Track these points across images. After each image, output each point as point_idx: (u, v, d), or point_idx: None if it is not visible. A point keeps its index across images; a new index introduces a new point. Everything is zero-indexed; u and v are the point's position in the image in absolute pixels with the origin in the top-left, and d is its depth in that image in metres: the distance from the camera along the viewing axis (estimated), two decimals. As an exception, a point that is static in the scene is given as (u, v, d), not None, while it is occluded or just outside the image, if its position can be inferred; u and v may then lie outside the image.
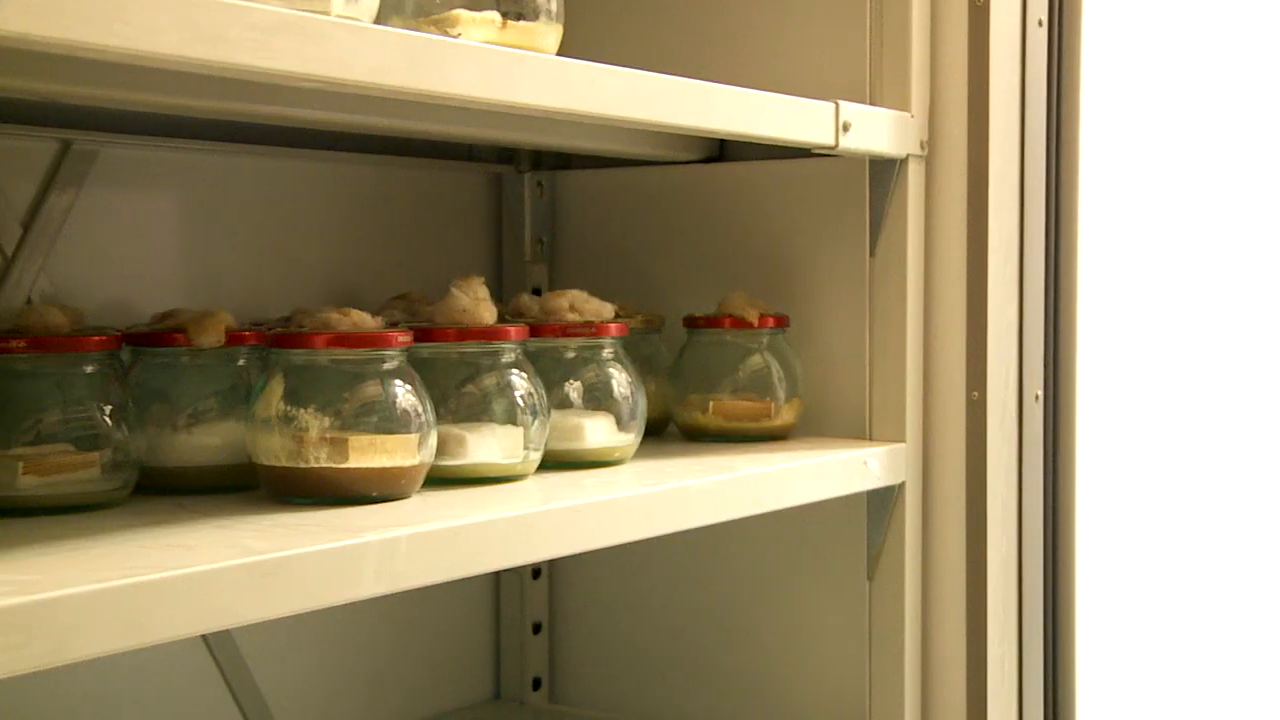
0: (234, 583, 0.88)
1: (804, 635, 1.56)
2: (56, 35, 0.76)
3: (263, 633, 1.43)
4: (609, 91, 1.12)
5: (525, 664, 1.72)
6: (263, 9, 0.87)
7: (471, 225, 1.69)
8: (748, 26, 1.55)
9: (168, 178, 1.37)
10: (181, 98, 1.07)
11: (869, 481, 1.43)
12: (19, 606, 0.78)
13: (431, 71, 0.98)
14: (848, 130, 1.35)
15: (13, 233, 1.24)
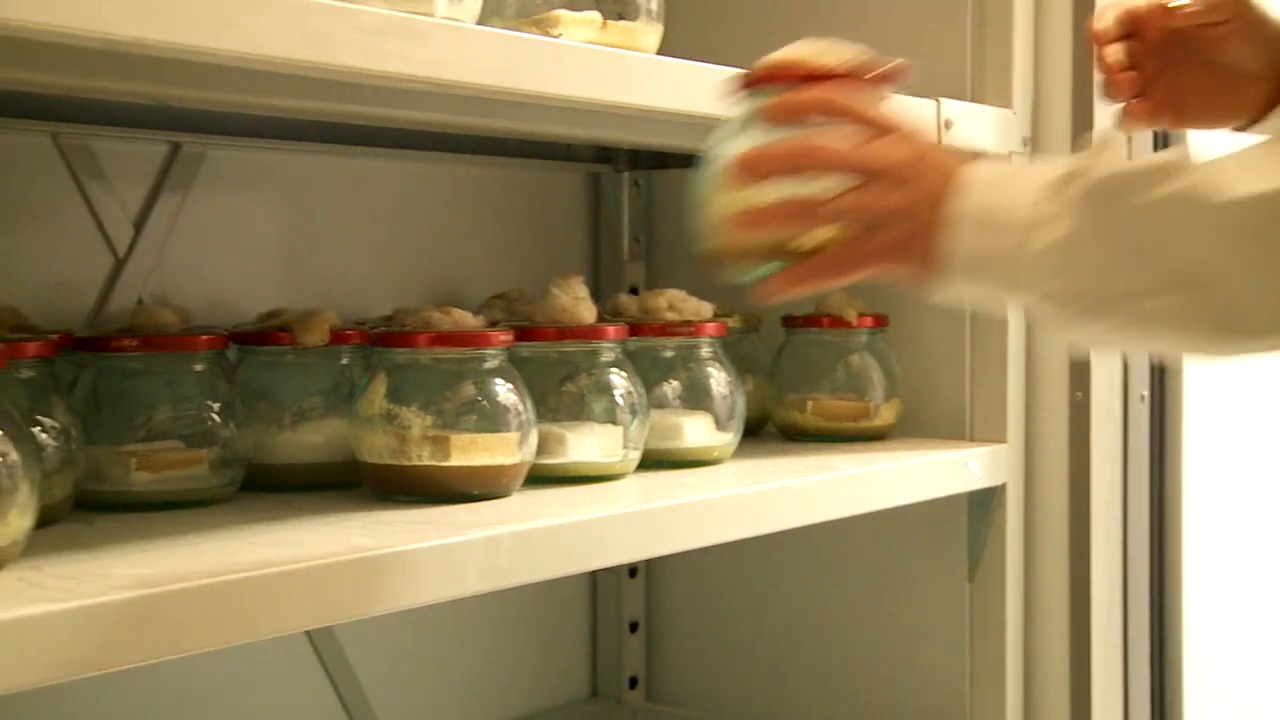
0: (341, 579, 0.89)
1: (902, 637, 1.54)
2: (170, 39, 0.78)
3: (365, 629, 1.44)
4: (709, 90, 1.12)
5: (622, 663, 1.72)
6: (369, 11, 0.88)
7: (569, 224, 1.70)
8: (845, 22, 1.53)
9: (272, 179, 1.39)
10: (288, 99, 1.09)
11: (970, 482, 1.42)
12: (134, 600, 0.79)
13: (533, 72, 0.99)
14: (949, 127, 1.33)
15: (125, 234, 1.27)
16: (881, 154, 0.86)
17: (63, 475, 0.99)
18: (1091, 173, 0.84)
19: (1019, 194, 0.85)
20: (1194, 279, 0.80)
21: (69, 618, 0.77)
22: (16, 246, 1.21)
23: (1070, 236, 0.82)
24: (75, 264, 1.25)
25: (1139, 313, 0.83)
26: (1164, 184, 0.81)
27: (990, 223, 0.84)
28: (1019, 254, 0.84)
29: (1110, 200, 0.83)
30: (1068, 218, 0.83)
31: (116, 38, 0.76)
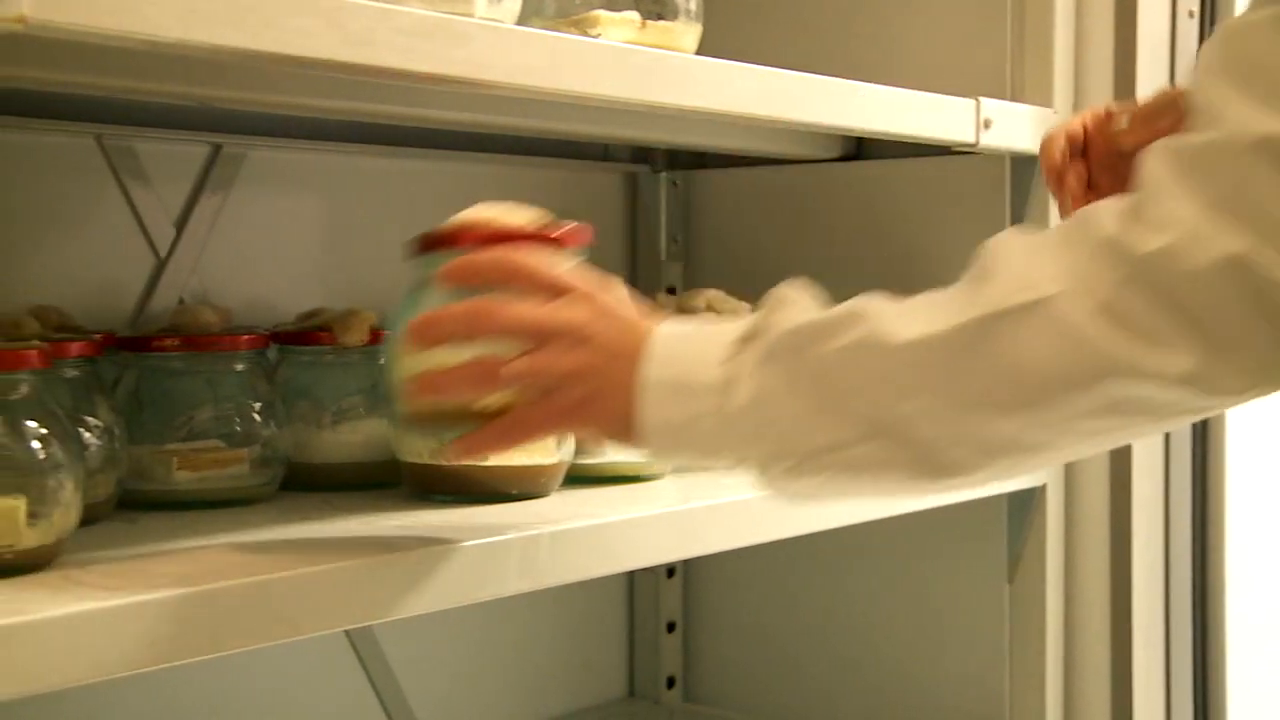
0: (381, 578, 0.89)
1: (941, 638, 1.54)
2: (213, 41, 0.78)
3: (403, 628, 1.45)
4: (748, 91, 1.12)
5: (659, 663, 1.72)
6: (409, 12, 0.88)
7: (606, 225, 1.69)
8: (884, 22, 1.53)
9: (311, 179, 1.40)
10: (329, 100, 1.09)
11: (1009, 483, 1.41)
12: (176, 598, 0.80)
13: (572, 72, 0.99)
14: (989, 127, 1.33)
15: (166, 234, 1.28)
16: (557, 315, 0.86)
17: (105, 474, 1.00)
18: (773, 329, 0.84)
19: (706, 355, 0.85)
20: (883, 425, 0.81)
21: (112, 616, 0.77)
22: (61, 247, 1.22)
23: (761, 396, 0.82)
24: (118, 264, 1.25)
25: (843, 463, 0.82)
26: (843, 334, 0.82)
27: (680, 387, 0.84)
28: (714, 417, 0.84)
29: (795, 354, 0.83)
30: (756, 376, 0.83)
31: (160, 39, 0.76)
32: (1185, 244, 0.74)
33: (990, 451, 0.81)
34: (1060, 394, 0.77)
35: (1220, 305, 0.74)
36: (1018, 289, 0.77)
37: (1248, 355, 0.75)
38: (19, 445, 0.85)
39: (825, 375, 0.81)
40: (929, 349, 0.79)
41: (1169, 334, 0.75)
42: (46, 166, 1.21)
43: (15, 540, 0.83)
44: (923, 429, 0.80)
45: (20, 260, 1.19)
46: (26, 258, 1.20)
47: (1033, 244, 0.79)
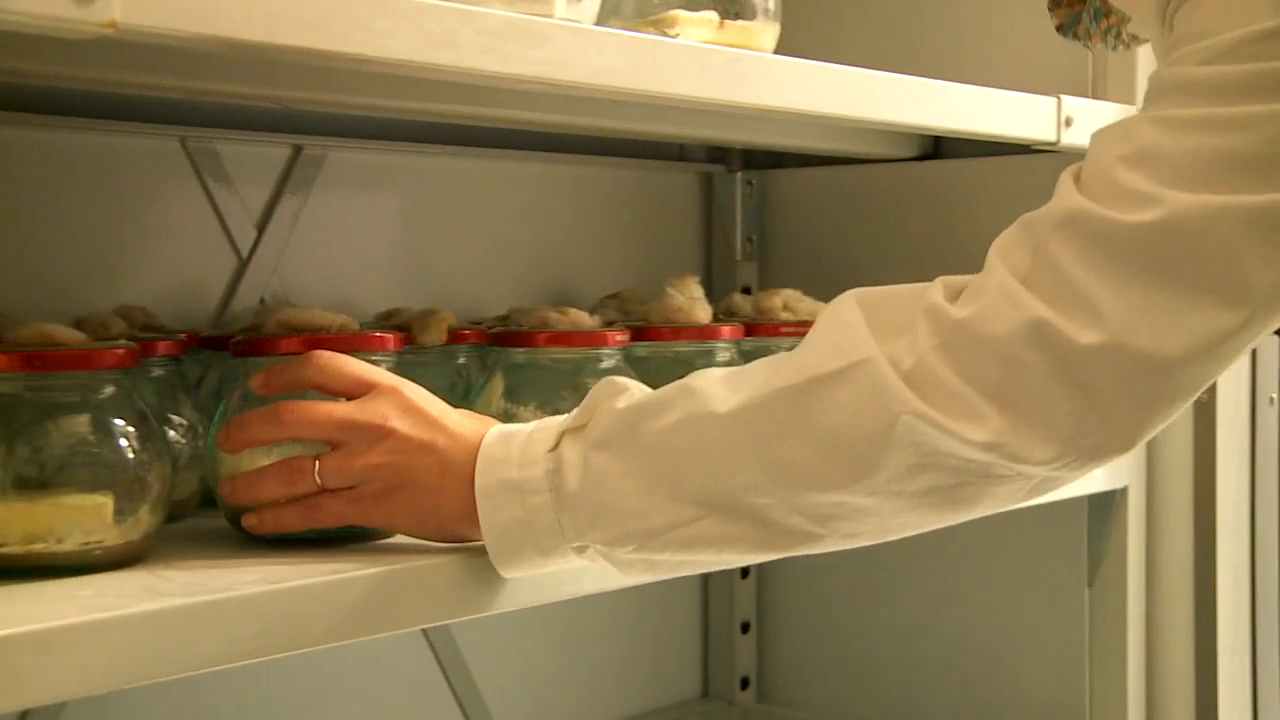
0: (460, 578, 0.90)
1: (1019, 642, 1.52)
2: (299, 43, 0.79)
3: (480, 627, 1.46)
4: (828, 90, 1.11)
5: (734, 663, 1.72)
6: (490, 13, 0.89)
7: (682, 225, 1.69)
8: (963, 19, 1.52)
9: (390, 180, 1.41)
10: (409, 102, 1.10)
11: (1089, 485, 1.39)
12: (259, 595, 0.81)
13: (651, 72, 0.99)
14: (1070, 125, 1.31)
15: (248, 235, 1.29)
16: (357, 413, 0.88)
17: (190, 472, 1.01)
18: (604, 414, 0.85)
19: (531, 452, 0.85)
20: (715, 502, 0.81)
21: (198, 612, 0.78)
22: (145, 248, 1.23)
23: (594, 480, 0.83)
24: (201, 264, 1.27)
25: (685, 540, 0.83)
26: (670, 410, 0.83)
27: (512, 485, 0.85)
28: (550, 510, 0.85)
29: (625, 436, 0.83)
30: (589, 460, 0.84)
31: (247, 42, 0.77)
32: (992, 310, 0.76)
33: (824, 519, 0.81)
34: (871, 455, 0.78)
35: (1021, 372, 0.76)
36: (833, 354, 0.79)
37: (1048, 424, 0.76)
38: (106, 443, 0.86)
39: (654, 454, 0.82)
40: (746, 419, 0.80)
41: (971, 399, 0.76)
42: (132, 168, 1.23)
43: (103, 537, 0.84)
44: (754, 502, 0.81)
45: (107, 260, 1.21)
46: (113, 258, 1.21)
47: (861, 308, 0.81)
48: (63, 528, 0.83)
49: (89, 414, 0.86)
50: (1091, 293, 0.75)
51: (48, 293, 1.16)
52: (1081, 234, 0.76)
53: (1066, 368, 0.75)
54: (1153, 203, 0.74)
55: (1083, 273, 0.75)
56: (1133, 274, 0.75)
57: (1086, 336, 0.75)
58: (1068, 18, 1.04)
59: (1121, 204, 0.75)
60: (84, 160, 1.19)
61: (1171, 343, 0.75)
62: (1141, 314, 0.75)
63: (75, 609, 0.75)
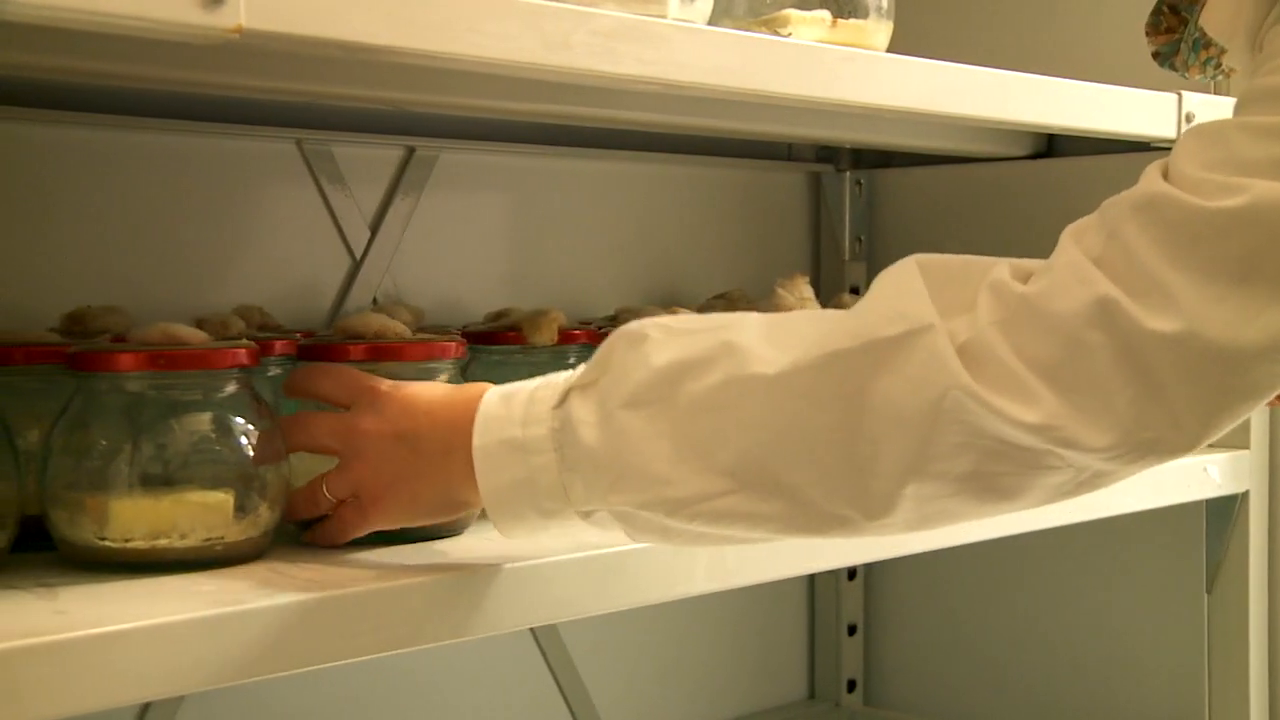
0: (572, 576, 0.90)
1: (1134, 649, 1.49)
2: (418, 46, 0.80)
3: (588, 627, 1.46)
4: (942, 88, 1.10)
5: (840, 665, 1.71)
6: (605, 14, 0.89)
7: (790, 224, 1.69)
8: (1077, 14, 1.49)
9: (500, 180, 1.42)
10: (523, 103, 1.11)
11: (1209, 490, 1.37)
12: (377, 592, 0.82)
13: (765, 72, 0.99)
14: (1191, 122, 1.29)
15: (362, 236, 1.31)
16: (352, 424, 0.87)
17: (306, 469, 1.02)
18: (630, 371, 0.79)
19: (533, 410, 0.82)
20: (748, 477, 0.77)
21: (315, 608, 0.79)
22: (263, 249, 1.25)
23: (622, 442, 0.78)
24: (315, 265, 1.29)
25: (715, 513, 0.78)
26: (710, 371, 0.77)
27: (512, 445, 0.81)
28: (553, 470, 0.81)
29: (660, 397, 0.78)
30: (613, 421, 0.79)
31: (366, 45, 0.78)
32: (1059, 288, 0.74)
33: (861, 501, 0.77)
34: (919, 431, 0.74)
35: (1082, 352, 0.72)
36: (894, 318, 0.76)
37: (1106, 409, 0.73)
38: (227, 441, 0.87)
39: (691, 417, 0.78)
40: (795, 384, 0.76)
41: (1025, 378, 0.73)
42: (250, 171, 1.25)
43: (224, 533, 0.86)
44: (791, 479, 0.77)
45: (225, 261, 1.23)
46: (231, 259, 1.24)
47: (923, 274, 0.77)
48: (186, 524, 0.84)
49: (211, 412, 0.87)
50: (1166, 278, 0.72)
51: (170, 292, 1.19)
52: (1161, 218, 0.73)
53: (1131, 352, 0.72)
54: (1237, 190, 0.72)
55: (1159, 257, 0.72)
56: (1212, 262, 0.72)
57: (1157, 322, 0.72)
58: (1165, 46, 1.01)
59: (1205, 192, 0.73)
60: (204, 164, 1.22)
61: (1247, 336, 0.71)
62: (1217, 304, 0.72)
63: (197, 604, 0.76)
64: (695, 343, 0.79)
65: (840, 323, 0.78)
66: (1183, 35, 0.99)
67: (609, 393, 0.80)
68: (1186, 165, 0.75)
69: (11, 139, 1.12)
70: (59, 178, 1.14)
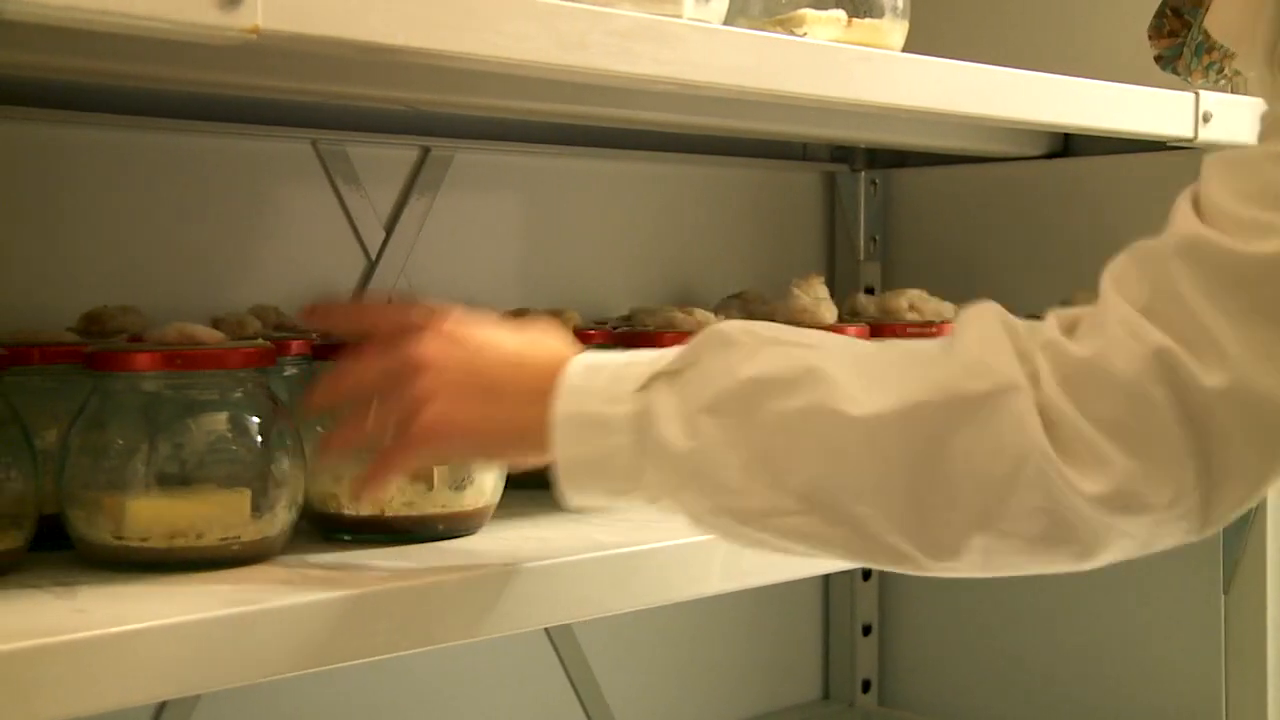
0: (587, 576, 0.90)
1: (1150, 650, 1.49)
2: (435, 46, 0.80)
3: (602, 627, 1.46)
4: (959, 88, 1.10)
5: (855, 666, 1.71)
6: (621, 14, 0.89)
7: (804, 224, 1.69)
8: (1092, 13, 1.49)
9: (515, 181, 1.42)
10: (538, 103, 1.11)
11: (1226, 490, 1.36)
12: (394, 591, 0.82)
13: (781, 72, 0.98)
14: (1208, 121, 1.28)
15: (377, 236, 1.31)
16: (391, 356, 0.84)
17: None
18: (720, 373, 0.79)
19: (616, 388, 0.80)
20: (820, 502, 0.77)
21: (332, 608, 0.79)
22: (278, 248, 1.26)
23: (700, 445, 0.78)
24: (331, 265, 1.29)
25: (781, 529, 0.79)
26: (795, 395, 0.77)
27: (589, 421, 0.80)
28: (629, 452, 0.80)
29: (742, 409, 0.78)
30: (694, 421, 0.78)
31: (383, 45, 0.78)
32: (1115, 345, 0.73)
33: (927, 546, 0.77)
34: (998, 492, 0.74)
35: (1148, 408, 0.72)
36: (981, 373, 0.75)
37: (1170, 461, 0.72)
38: (244, 440, 0.88)
39: (770, 436, 0.78)
40: (878, 433, 0.76)
41: (1095, 440, 0.72)
42: (265, 171, 1.25)
43: (240, 532, 0.86)
44: (859, 511, 0.77)
45: (241, 261, 1.23)
46: (247, 259, 1.24)
47: (1005, 328, 0.76)
48: (203, 523, 0.84)
49: (227, 411, 0.87)
50: (1215, 327, 0.71)
51: (186, 292, 1.19)
52: (1203, 263, 0.72)
53: (1189, 407, 0.71)
54: (1274, 233, 0.71)
55: (1205, 305, 0.72)
56: (1255, 309, 0.71)
57: (1211, 378, 0.71)
58: (1168, 49, 1.00)
59: (1243, 234, 0.71)
60: (220, 164, 1.22)
61: None
62: (1265, 353, 0.71)
63: (213, 603, 0.76)
64: (783, 360, 0.79)
65: (927, 370, 0.77)
66: (1185, 39, 0.98)
67: (693, 391, 0.79)
68: (1222, 200, 0.74)
69: (29, 140, 1.12)
70: (76, 178, 1.15)
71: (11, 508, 0.83)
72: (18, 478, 0.83)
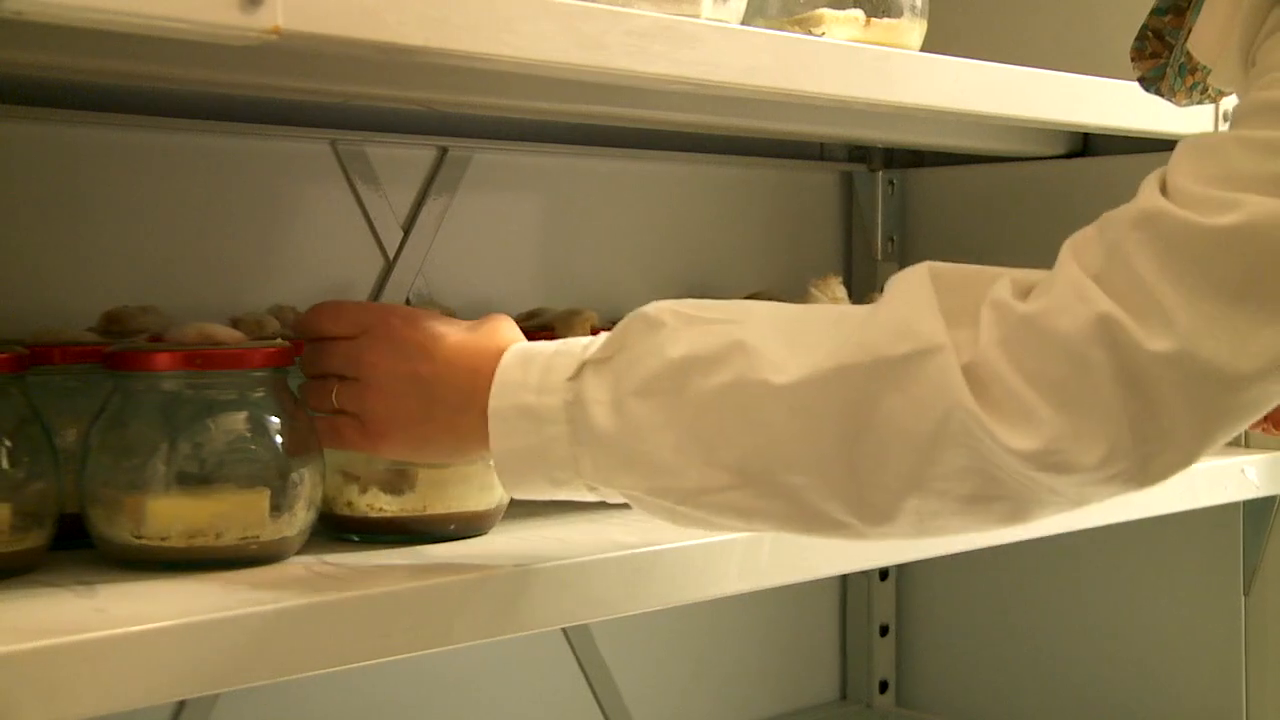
0: (604, 576, 0.90)
1: (1170, 650, 1.48)
2: (452, 46, 0.80)
3: (620, 626, 1.46)
4: (977, 87, 1.10)
5: (872, 666, 1.70)
6: (639, 14, 0.89)
7: (822, 224, 1.68)
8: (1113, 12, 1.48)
9: (532, 181, 1.42)
10: (557, 103, 1.11)
11: (1246, 491, 1.36)
12: (411, 591, 0.82)
13: (799, 71, 0.98)
14: (1228, 120, 1.27)
15: (394, 236, 1.31)
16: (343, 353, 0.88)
17: (341, 469, 1.02)
18: (647, 356, 0.80)
19: (549, 379, 0.82)
20: (752, 475, 0.78)
21: (349, 608, 0.80)
22: (297, 248, 1.26)
23: (633, 428, 0.79)
24: (349, 265, 1.29)
25: (718, 505, 0.80)
26: (721, 370, 0.78)
27: (525, 412, 0.82)
28: (564, 442, 0.81)
29: (671, 389, 0.79)
30: (627, 405, 0.80)
31: (402, 45, 0.78)
32: (1059, 306, 0.73)
33: (860, 510, 0.78)
34: (925, 451, 0.75)
35: (1085, 370, 0.72)
36: (903, 335, 0.76)
37: (1104, 425, 0.73)
38: (263, 440, 0.88)
39: (698, 413, 0.79)
40: (802, 398, 0.77)
41: (1028, 399, 0.73)
42: (284, 172, 1.25)
43: (259, 532, 0.86)
44: (791, 481, 0.78)
45: (260, 261, 1.24)
46: (266, 259, 1.24)
47: (934, 285, 0.77)
48: (222, 523, 0.85)
49: (246, 411, 0.88)
50: (1164, 297, 0.72)
51: (205, 292, 1.19)
52: (1159, 235, 0.73)
53: (1131, 371, 0.72)
54: (1234, 206, 0.72)
55: (1157, 275, 0.72)
56: (1208, 281, 0.72)
57: (1155, 343, 0.72)
58: (1150, 70, 1.00)
59: (1202, 208, 0.73)
60: (239, 164, 1.22)
61: (1243, 358, 0.72)
62: (1213, 324, 0.72)
63: (233, 602, 0.77)
64: (708, 336, 0.80)
65: (851, 333, 0.78)
66: (1168, 60, 0.98)
67: (622, 376, 0.81)
68: (1184, 179, 0.75)
69: (50, 140, 1.13)
70: (97, 178, 1.15)
71: (33, 506, 0.83)
72: (39, 477, 0.83)
